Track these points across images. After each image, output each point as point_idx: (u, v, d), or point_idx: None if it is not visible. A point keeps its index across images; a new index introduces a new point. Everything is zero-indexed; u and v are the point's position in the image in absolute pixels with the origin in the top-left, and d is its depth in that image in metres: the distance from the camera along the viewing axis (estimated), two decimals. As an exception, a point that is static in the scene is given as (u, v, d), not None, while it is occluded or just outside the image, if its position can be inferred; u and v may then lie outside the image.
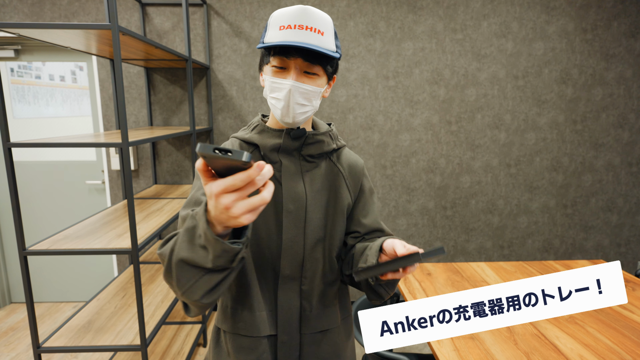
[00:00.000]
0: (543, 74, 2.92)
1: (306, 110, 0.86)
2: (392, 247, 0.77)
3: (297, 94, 0.83)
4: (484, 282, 1.89)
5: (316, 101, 0.87)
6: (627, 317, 1.56)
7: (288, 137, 0.89)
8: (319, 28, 0.81)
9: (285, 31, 0.80)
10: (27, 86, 2.90)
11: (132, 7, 2.74)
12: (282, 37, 0.80)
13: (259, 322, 0.91)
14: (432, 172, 3.03)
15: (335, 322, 0.98)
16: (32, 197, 3.06)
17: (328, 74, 0.88)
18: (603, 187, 3.10)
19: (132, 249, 1.60)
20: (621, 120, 3.00)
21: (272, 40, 0.81)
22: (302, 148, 0.91)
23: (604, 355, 1.32)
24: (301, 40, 0.79)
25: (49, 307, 3.15)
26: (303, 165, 0.92)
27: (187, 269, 0.64)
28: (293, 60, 0.82)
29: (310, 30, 0.80)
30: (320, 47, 0.80)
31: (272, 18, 0.83)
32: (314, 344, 0.95)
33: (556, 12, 2.85)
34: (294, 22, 0.80)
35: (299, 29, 0.79)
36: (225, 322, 0.93)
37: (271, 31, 0.82)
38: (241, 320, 0.91)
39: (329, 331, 0.97)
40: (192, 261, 0.63)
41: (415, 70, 2.88)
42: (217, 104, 2.89)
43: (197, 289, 0.65)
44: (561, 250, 3.19)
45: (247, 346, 0.91)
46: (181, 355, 2.34)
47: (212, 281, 0.65)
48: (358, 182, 0.99)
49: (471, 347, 1.37)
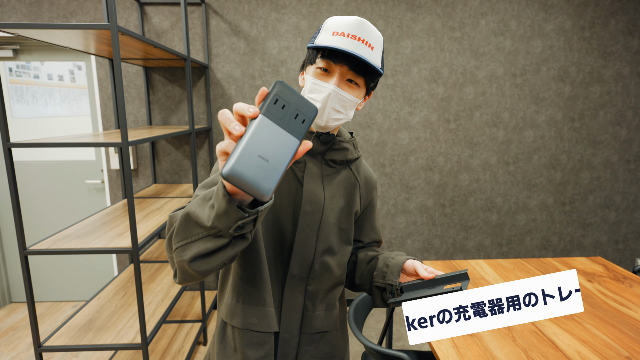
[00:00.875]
0: (541, 72, 2.93)
1: (340, 117, 0.88)
2: (413, 269, 0.86)
3: (335, 100, 0.84)
4: (483, 279, 1.90)
5: (351, 111, 0.89)
6: (624, 313, 1.57)
7: (317, 140, 0.91)
8: (370, 42, 0.83)
9: (338, 37, 0.82)
10: (26, 86, 2.89)
11: (131, 6, 2.74)
12: (334, 42, 0.82)
13: (270, 318, 0.92)
14: (431, 170, 3.04)
15: (335, 324, 1.00)
16: (31, 197, 3.06)
17: (368, 87, 0.89)
18: (601, 185, 3.12)
19: (133, 248, 1.61)
20: (619, 117, 3.02)
21: (323, 42, 0.83)
22: (325, 152, 0.93)
23: (601, 351, 1.33)
24: (352, 49, 0.81)
25: (49, 306, 3.15)
26: (324, 169, 0.94)
27: (189, 224, 0.65)
28: (339, 66, 0.83)
29: (362, 43, 0.82)
30: (367, 59, 0.82)
31: (328, 23, 0.85)
32: (312, 344, 0.96)
33: (554, 10, 2.85)
34: (348, 31, 0.81)
35: (352, 38, 0.81)
36: (235, 318, 0.93)
37: (324, 34, 0.84)
38: (254, 316, 0.91)
39: (327, 332, 0.98)
40: (195, 216, 0.64)
41: (414, 69, 2.89)
42: (216, 103, 2.90)
43: (190, 248, 0.65)
44: (559, 248, 3.21)
45: (256, 342, 0.92)
46: (182, 354, 2.35)
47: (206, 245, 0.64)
48: (369, 195, 1.03)
49: (470, 344, 1.38)
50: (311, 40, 0.89)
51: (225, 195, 0.57)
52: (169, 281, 2.32)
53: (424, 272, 0.82)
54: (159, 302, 2.07)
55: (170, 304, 2.03)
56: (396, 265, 0.89)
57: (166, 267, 2.54)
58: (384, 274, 0.90)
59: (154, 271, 2.49)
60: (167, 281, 2.33)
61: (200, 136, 2.94)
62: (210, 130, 2.91)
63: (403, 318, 2.99)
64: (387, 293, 0.90)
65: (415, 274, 0.87)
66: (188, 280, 0.72)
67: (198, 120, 2.93)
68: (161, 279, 2.36)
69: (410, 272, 0.87)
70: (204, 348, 2.63)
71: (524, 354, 1.31)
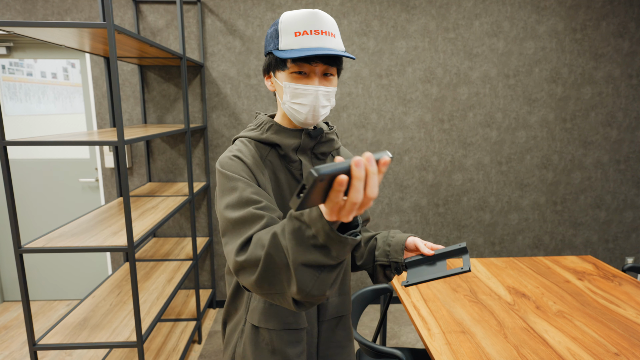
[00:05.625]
0: (534, 73, 2.96)
1: (327, 110, 0.90)
2: (414, 245, 0.95)
3: (322, 97, 0.86)
4: (476, 277, 1.93)
5: (333, 99, 0.92)
6: (613, 311, 1.60)
7: (308, 136, 0.93)
8: (331, 31, 0.84)
9: (302, 37, 0.82)
10: (19, 83, 2.88)
11: (126, 4, 2.73)
12: (301, 43, 0.82)
13: (303, 314, 0.95)
14: (425, 170, 3.07)
15: (348, 308, 1.04)
16: (25, 195, 3.04)
17: (339, 72, 0.92)
18: (592, 185, 3.16)
19: (128, 247, 1.61)
20: (609, 118, 3.06)
21: (291, 47, 0.83)
22: (314, 147, 0.96)
23: (590, 347, 1.36)
24: (321, 45, 0.82)
25: (42, 305, 3.14)
26: (315, 163, 0.97)
27: (308, 271, 0.64)
28: (316, 66, 0.84)
29: (326, 35, 0.83)
30: (337, 50, 0.83)
31: (284, 23, 0.84)
32: (329, 331, 1.01)
33: (546, 12, 2.89)
34: (309, 27, 0.82)
35: (316, 34, 0.82)
36: (271, 320, 0.93)
37: (286, 38, 0.83)
38: (290, 315, 0.93)
39: (343, 317, 1.03)
40: (314, 262, 0.63)
41: (408, 69, 2.91)
42: (211, 101, 2.90)
43: (322, 284, 0.65)
44: (551, 247, 3.25)
45: (294, 340, 0.94)
46: (176, 352, 2.36)
47: (334, 273, 0.66)
48: None
49: (462, 340, 1.40)
50: (271, 44, 0.87)
51: (344, 238, 0.60)
52: (163, 279, 2.33)
53: (426, 248, 0.92)
54: (154, 301, 2.08)
55: (165, 302, 2.04)
56: (399, 243, 0.96)
57: (161, 265, 2.54)
58: (387, 252, 0.96)
59: (149, 269, 2.49)
60: (161, 279, 2.33)
61: (196, 135, 2.94)
62: (206, 129, 2.91)
63: (396, 316, 3.02)
64: (391, 270, 0.97)
65: (416, 250, 0.96)
66: (317, 303, 0.72)
67: (193, 119, 2.93)
68: (156, 278, 2.36)
69: (411, 248, 0.96)
70: (199, 346, 2.64)
71: (515, 350, 1.34)
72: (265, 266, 0.67)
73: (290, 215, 0.64)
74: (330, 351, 1.01)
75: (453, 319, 1.56)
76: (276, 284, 0.68)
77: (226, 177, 0.83)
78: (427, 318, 1.56)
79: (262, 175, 0.88)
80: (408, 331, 2.83)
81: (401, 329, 2.85)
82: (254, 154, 0.90)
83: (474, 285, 1.85)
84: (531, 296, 1.74)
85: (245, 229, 0.75)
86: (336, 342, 1.02)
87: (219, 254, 3.12)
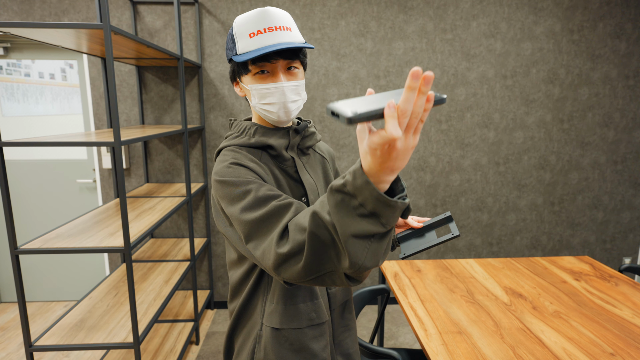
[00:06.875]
0: (531, 74, 2.97)
1: (299, 104, 0.90)
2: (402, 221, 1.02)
3: (289, 92, 0.86)
4: (473, 278, 1.93)
5: (304, 92, 0.91)
6: (609, 311, 1.61)
7: (295, 133, 0.93)
8: (285, 25, 0.84)
9: (257, 37, 0.82)
10: (17, 84, 2.87)
11: (123, 5, 2.73)
12: (257, 43, 0.82)
13: (324, 307, 0.96)
14: (423, 170, 3.07)
15: (350, 292, 1.06)
16: (23, 196, 3.04)
17: (304, 64, 0.92)
18: (589, 185, 3.17)
19: (125, 247, 1.61)
20: (606, 119, 3.07)
21: (248, 49, 0.83)
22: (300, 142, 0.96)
23: (586, 348, 1.36)
24: (277, 41, 0.82)
25: (39, 306, 3.13)
26: (302, 159, 0.98)
27: (358, 242, 0.60)
28: (276, 63, 0.84)
29: (281, 30, 0.83)
30: (294, 43, 0.83)
31: (237, 27, 0.84)
32: (339, 317, 1.03)
33: (544, 13, 2.89)
34: (261, 26, 0.82)
35: (270, 31, 0.82)
36: (294, 320, 0.91)
37: (242, 41, 0.83)
38: (312, 311, 0.93)
39: (347, 300, 1.05)
40: (364, 232, 0.59)
41: (406, 70, 2.92)
42: (209, 102, 2.90)
43: (374, 254, 0.61)
44: (548, 247, 3.26)
45: (318, 334, 0.94)
46: (174, 353, 2.35)
47: (385, 241, 0.62)
48: (334, 166, 1.15)
49: (459, 341, 1.40)
50: (230, 51, 0.88)
51: (394, 202, 0.55)
52: (161, 280, 2.32)
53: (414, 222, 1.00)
54: (151, 302, 2.07)
55: (162, 304, 2.04)
56: None
57: (158, 266, 2.54)
58: None
59: (146, 270, 2.48)
60: (159, 280, 2.33)
61: (193, 135, 2.93)
62: (203, 130, 2.91)
63: (394, 317, 3.03)
64: None
65: (405, 225, 1.03)
66: (368, 274, 0.68)
67: (191, 119, 2.93)
68: (153, 279, 2.35)
69: (400, 224, 1.03)
70: (196, 347, 2.63)
71: (512, 351, 1.34)
72: (311, 247, 0.63)
73: (331, 188, 0.60)
74: (342, 335, 1.04)
75: (450, 319, 1.56)
76: (326, 263, 0.64)
77: (232, 184, 0.79)
78: (424, 319, 1.56)
79: (267, 175, 0.87)
80: (405, 332, 2.83)
81: (399, 330, 2.85)
82: (250, 158, 0.88)
83: (471, 285, 1.85)
84: (528, 297, 1.74)
85: (275, 222, 0.71)
86: (345, 326, 1.04)
87: (216, 254, 3.12)
